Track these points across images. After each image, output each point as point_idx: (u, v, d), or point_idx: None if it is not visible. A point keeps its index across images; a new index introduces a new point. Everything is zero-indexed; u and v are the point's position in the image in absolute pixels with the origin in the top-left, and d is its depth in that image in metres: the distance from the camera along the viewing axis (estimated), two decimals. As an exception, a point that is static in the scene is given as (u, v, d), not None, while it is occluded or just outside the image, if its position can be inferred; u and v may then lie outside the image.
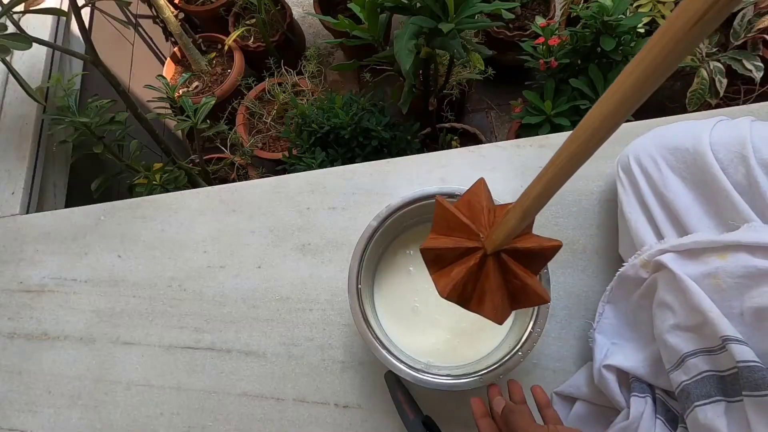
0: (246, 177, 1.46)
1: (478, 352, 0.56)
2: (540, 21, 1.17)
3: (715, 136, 0.49)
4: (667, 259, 0.47)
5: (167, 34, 1.71)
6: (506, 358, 0.52)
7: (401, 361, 0.53)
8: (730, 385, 0.41)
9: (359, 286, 0.56)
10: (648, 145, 0.54)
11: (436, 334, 0.58)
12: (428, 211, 0.59)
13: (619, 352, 0.52)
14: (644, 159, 0.53)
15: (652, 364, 0.49)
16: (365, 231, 0.58)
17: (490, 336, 0.57)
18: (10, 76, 0.91)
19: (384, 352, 0.54)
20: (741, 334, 0.41)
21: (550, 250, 0.40)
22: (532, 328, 0.52)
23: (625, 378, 0.51)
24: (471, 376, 0.52)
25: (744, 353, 0.40)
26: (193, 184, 1.21)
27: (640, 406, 0.48)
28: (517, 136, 1.29)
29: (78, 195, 1.10)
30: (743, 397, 0.39)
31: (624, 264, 0.54)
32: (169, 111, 1.30)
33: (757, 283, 0.42)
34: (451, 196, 0.57)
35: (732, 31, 1.19)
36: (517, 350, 0.52)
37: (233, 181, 1.46)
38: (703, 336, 0.43)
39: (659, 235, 0.51)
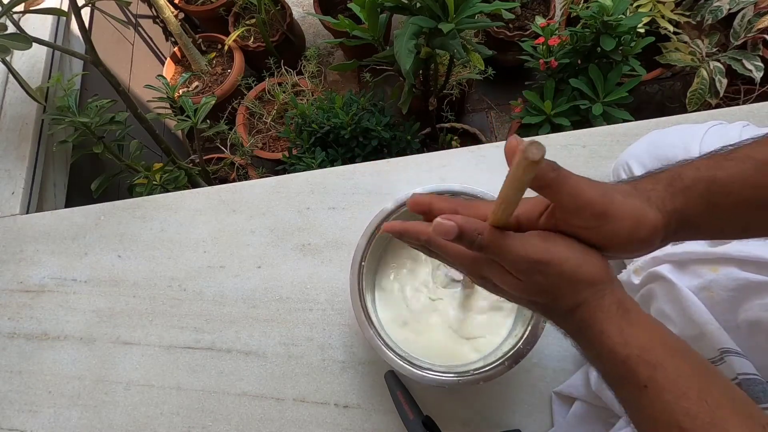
0: (246, 177, 1.46)
1: (480, 351, 0.56)
2: (540, 21, 1.17)
3: (705, 146, 0.49)
4: (665, 270, 0.47)
5: (167, 34, 1.71)
6: (509, 353, 0.52)
7: (401, 358, 0.53)
8: None
9: (362, 263, 0.56)
10: (641, 154, 0.55)
11: (437, 334, 0.58)
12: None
13: None
14: (637, 170, 0.54)
15: None
16: (379, 214, 0.58)
17: (493, 335, 0.57)
18: (10, 76, 0.91)
19: (384, 348, 0.54)
20: (739, 346, 0.42)
21: None
22: (534, 322, 0.52)
23: None
24: (472, 373, 0.52)
25: (743, 366, 0.40)
26: (193, 184, 1.21)
27: None
28: (517, 136, 1.29)
29: (78, 195, 1.10)
30: None
31: (621, 270, 0.54)
32: (169, 111, 1.30)
33: (748, 296, 0.43)
34: (454, 194, 0.57)
35: (732, 31, 1.19)
36: (520, 345, 0.52)
37: (233, 181, 1.46)
38: (702, 347, 0.43)
39: None
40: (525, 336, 0.52)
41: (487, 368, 0.52)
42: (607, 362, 0.31)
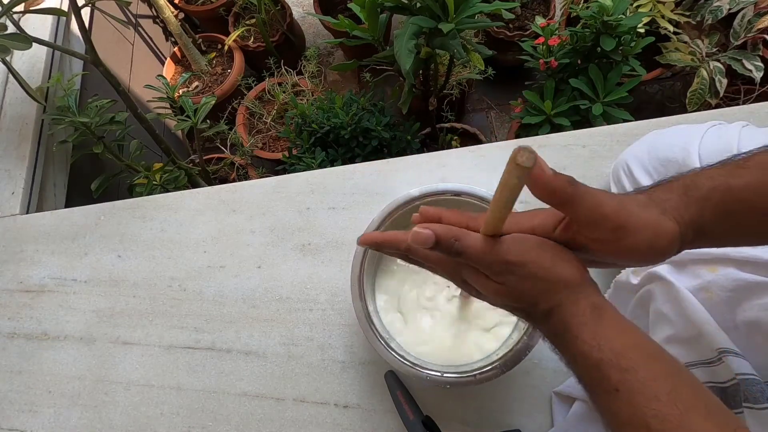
0: (246, 177, 1.46)
1: (480, 351, 0.56)
2: (540, 21, 1.17)
3: (704, 147, 0.49)
4: (664, 270, 0.47)
5: (167, 34, 1.71)
6: (509, 353, 0.52)
7: (402, 358, 0.53)
8: (731, 396, 0.41)
9: (363, 263, 0.56)
10: (641, 154, 0.55)
11: (437, 334, 0.58)
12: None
13: None
14: (636, 171, 0.54)
15: None
16: (380, 213, 0.58)
17: (493, 336, 0.57)
18: (10, 76, 0.91)
19: (384, 348, 0.54)
20: (738, 346, 0.42)
21: None
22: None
23: None
24: (472, 373, 0.52)
25: (741, 366, 0.40)
26: (193, 184, 1.21)
27: None
28: (517, 136, 1.29)
29: (78, 195, 1.10)
30: (744, 409, 0.39)
31: (621, 271, 0.54)
32: (169, 111, 1.30)
33: (747, 296, 0.43)
34: (457, 194, 0.57)
35: (732, 31, 1.19)
36: (520, 345, 0.52)
37: (233, 181, 1.46)
38: (700, 348, 0.44)
39: None
40: (525, 336, 0.52)
41: (487, 368, 0.52)
42: (581, 366, 0.31)
